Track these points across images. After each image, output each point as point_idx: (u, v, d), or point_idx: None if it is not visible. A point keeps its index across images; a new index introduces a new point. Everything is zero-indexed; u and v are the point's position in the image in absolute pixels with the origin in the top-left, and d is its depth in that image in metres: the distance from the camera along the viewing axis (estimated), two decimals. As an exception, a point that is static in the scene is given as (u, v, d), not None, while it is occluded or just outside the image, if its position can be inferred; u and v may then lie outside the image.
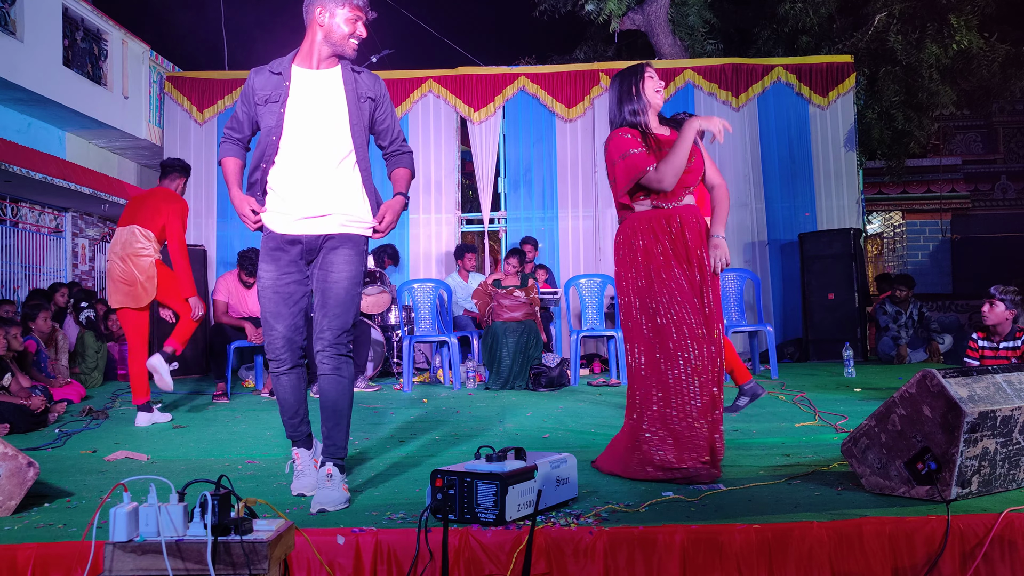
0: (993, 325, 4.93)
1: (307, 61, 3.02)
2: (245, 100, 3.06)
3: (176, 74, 9.73)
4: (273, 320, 2.99)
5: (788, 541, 2.36)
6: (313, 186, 2.96)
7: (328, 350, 2.94)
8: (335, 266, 2.96)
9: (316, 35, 2.98)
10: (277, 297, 2.99)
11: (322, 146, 2.97)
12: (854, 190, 9.10)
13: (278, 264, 2.99)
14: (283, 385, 3.06)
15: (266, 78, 3.02)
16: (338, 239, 2.99)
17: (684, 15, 10.89)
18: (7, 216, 9.98)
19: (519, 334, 6.59)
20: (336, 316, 2.94)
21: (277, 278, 2.99)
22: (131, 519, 1.89)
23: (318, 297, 2.98)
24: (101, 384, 7.25)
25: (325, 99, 2.99)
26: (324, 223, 2.98)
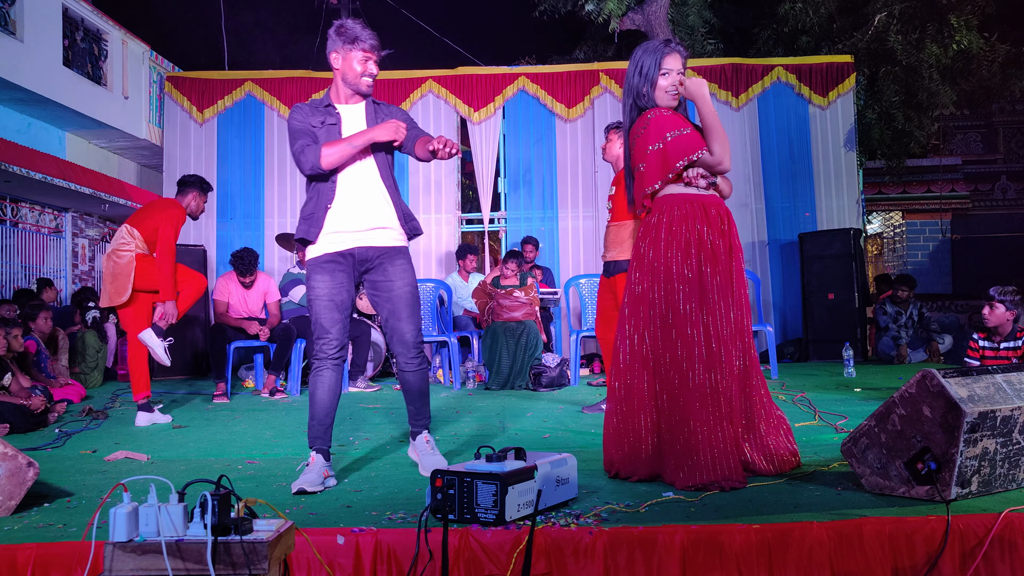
0: (994, 326, 4.94)
1: (338, 98, 3.39)
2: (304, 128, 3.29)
3: (176, 74, 9.73)
4: (328, 325, 3.28)
5: (788, 541, 2.36)
6: (367, 203, 3.31)
7: (412, 350, 3.38)
8: (397, 276, 3.34)
9: (337, 77, 3.37)
10: (332, 305, 3.28)
11: (370, 169, 3.33)
12: (854, 190, 9.10)
13: (333, 276, 3.28)
14: (324, 381, 3.28)
15: (311, 109, 3.34)
16: (389, 252, 3.35)
17: (684, 15, 10.89)
18: (7, 216, 9.99)
19: (519, 334, 6.59)
20: (411, 319, 3.35)
21: (331, 288, 3.28)
22: (131, 519, 1.89)
23: (388, 306, 3.35)
24: (101, 384, 7.25)
25: (358, 128, 3.34)
26: (377, 236, 3.33)
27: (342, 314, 3.29)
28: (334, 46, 3.34)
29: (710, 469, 2.90)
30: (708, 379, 2.99)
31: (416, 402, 3.49)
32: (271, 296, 6.79)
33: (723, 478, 2.89)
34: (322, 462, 3.24)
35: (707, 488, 2.87)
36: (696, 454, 2.93)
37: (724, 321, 3.04)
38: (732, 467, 2.93)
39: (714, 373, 3.00)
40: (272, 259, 8.85)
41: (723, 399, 3.00)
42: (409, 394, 3.48)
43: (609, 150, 4.97)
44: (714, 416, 2.97)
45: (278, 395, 6.36)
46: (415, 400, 3.48)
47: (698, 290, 3.04)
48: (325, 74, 9.42)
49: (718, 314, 3.04)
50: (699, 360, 3.00)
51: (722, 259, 3.09)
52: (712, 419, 2.97)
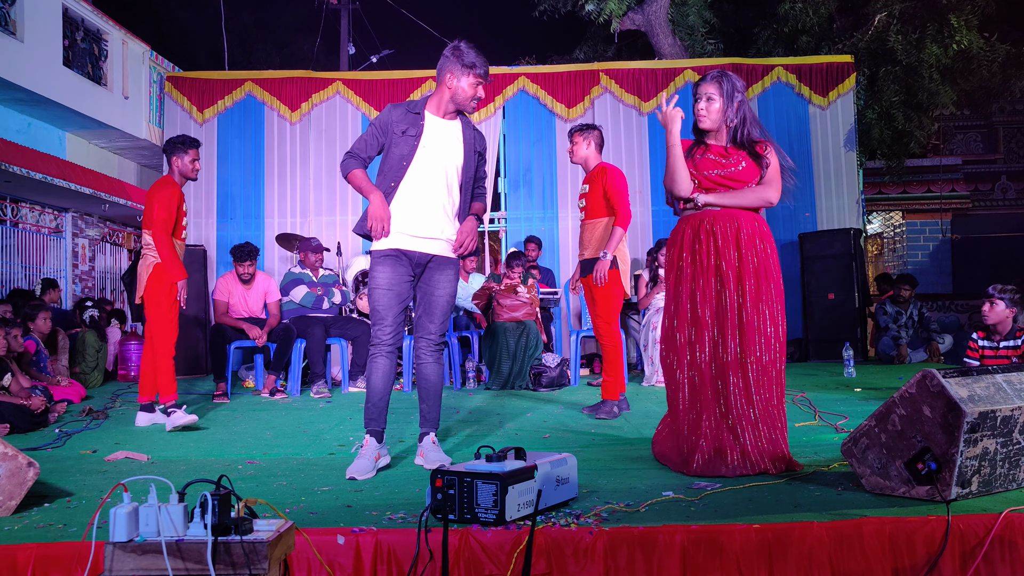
0: (994, 324, 4.93)
1: (437, 110, 3.62)
2: (383, 129, 3.58)
3: (176, 74, 9.72)
4: (385, 312, 3.54)
5: (788, 541, 2.36)
6: (429, 212, 3.56)
7: (435, 347, 3.66)
8: (440, 284, 3.64)
9: (445, 94, 3.60)
10: (391, 294, 3.54)
11: (440, 182, 3.57)
12: (854, 190, 9.10)
13: (395, 268, 3.55)
14: (380, 368, 3.55)
15: (403, 114, 3.59)
16: (442, 261, 3.63)
17: (684, 15, 10.89)
18: (7, 216, 9.99)
19: (519, 334, 6.59)
20: (440, 322, 3.66)
21: (391, 278, 3.54)
22: (131, 519, 1.89)
23: (424, 305, 3.65)
24: (101, 384, 7.25)
25: (448, 145, 3.60)
26: (432, 245, 3.59)
27: (399, 303, 3.54)
28: (450, 66, 3.58)
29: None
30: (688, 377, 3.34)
31: (430, 398, 3.68)
32: (271, 296, 6.79)
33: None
34: (375, 444, 3.50)
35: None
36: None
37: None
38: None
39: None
40: (272, 259, 8.85)
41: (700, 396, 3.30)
42: (423, 387, 3.67)
43: (577, 152, 5.10)
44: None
45: (278, 395, 6.36)
46: (428, 395, 3.67)
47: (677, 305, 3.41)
48: (325, 74, 9.42)
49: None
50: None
51: (702, 273, 3.33)
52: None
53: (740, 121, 3.39)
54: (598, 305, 4.96)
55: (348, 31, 16.06)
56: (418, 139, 3.54)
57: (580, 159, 5.10)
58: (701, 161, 3.39)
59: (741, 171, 3.36)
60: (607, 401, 4.94)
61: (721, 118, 3.39)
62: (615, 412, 4.90)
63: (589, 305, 5.09)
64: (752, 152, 3.38)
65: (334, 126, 9.11)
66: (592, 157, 5.07)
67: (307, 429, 4.79)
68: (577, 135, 5.10)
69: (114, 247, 12.39)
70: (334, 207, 8.77)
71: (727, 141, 3.42)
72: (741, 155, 3.38)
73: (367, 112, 9.07)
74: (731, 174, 3.36)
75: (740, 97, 3.38)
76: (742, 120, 3.39)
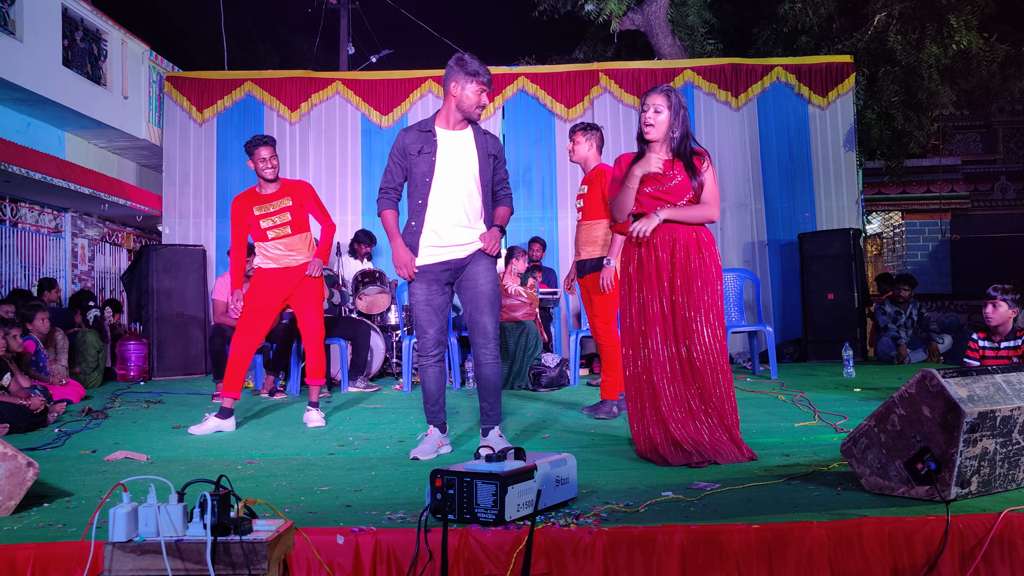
0: (995, 325, 4.92)
1: (446, 123, 3.79)
2: (401, 155, 3.78)
3: (176, 74, 9.72)
4: (427, 326, 3.76)
5: (788, 541, 2.36)
6: (456, 222, 3.75)
7: (491, 344, 3.76)
8: (481, 275, 3.77)
9: (451, 103, 3.75)
10: (429, 308, 3.76)
11: (461, 191, 3.75)
12: (854, 190, 9.10)
13: (429, 284, 3.76)
14: (430, 376, 3.79)
15: (416, 135, 3.77)
16: (477, 256, 3.79)
17: (684, 15, 10.89)
18: (7, 216, 9.98)
19: (519, 334, 6.59)
20: (491, 313, 3.76)
21: (428, 293, 3.75)
22: (131, 519, 1.89)
23: (472, 302, 3.77)
24: (101, 384, 7.25)
25: (463, 154, 3.77)
26: (466, 249, 3.77)
27: (438, 316, 3.77)
28: (455, 76, 3.71)
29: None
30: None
31: (491, 396, 3.82)
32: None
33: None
34: (438, 434, 3.82)
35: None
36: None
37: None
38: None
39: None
40: (272, 259, 8.84)
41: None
42: (483, 386, 3.82)
43: (577, 152, 5.10)
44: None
45: (278, 395, 6.36)
46: (488, 393, 3.81)
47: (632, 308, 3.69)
48: (324, 74, 9.42)
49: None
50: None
51: (649, 279, 3.58)
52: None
53: (682, 135, 3.61)
54: (595, 306, 4.96)
55: (348, 31, 16.06)
56: (434, 155, 3.72)
57: (580, 158, 5.09)
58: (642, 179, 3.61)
59: (675, 186, 3.59)
60: (607, 401, 4.95)
61: (667, 130, 3.61)
62: (615, 412, 4.90)
63: (587, 306, 5.09)
64: (689, 164, 3.60)
65: (333, 126, 9.11)
66: (592, 158, 5.07)
67: (306, 429, 4.79)
68: (579, 134, 5.09)
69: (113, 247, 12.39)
70: (334, 207, 8.76)
71: (666, 153, 3.63)
72: (677, 168, 3.60)
73: (367, 112, 9.07)
74: (667, 189, 3.59)
75: (683, 112, 3.63)
76: (683, 134, 3.61)
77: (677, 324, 3.54)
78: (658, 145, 3.63)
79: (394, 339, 7.77)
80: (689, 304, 3.53)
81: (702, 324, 3.52)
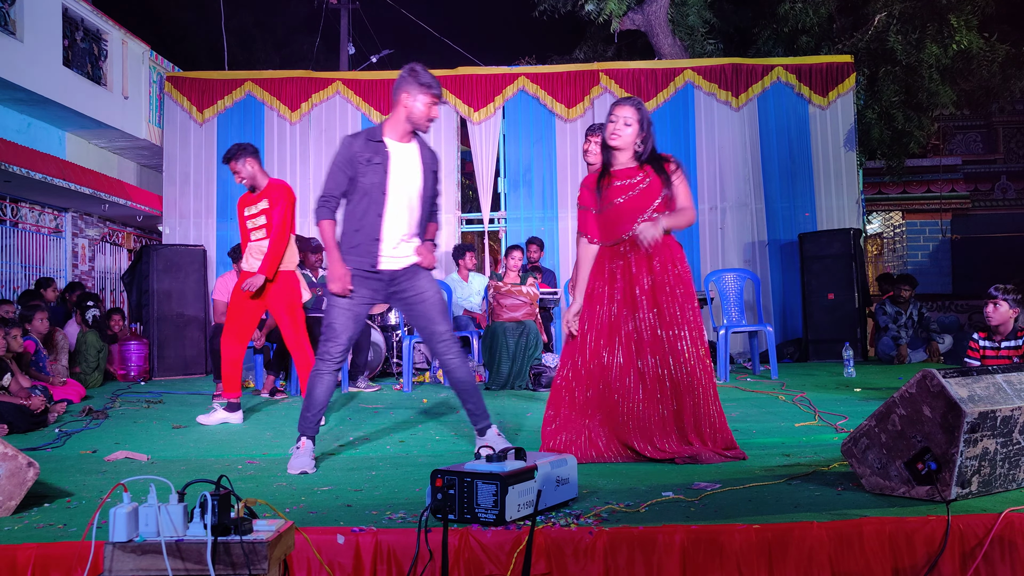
0: (996, 325, 4.92)
1: (395, 134, 3.70)
2: (349, 163, 3.65)
3: (176, 74, 9.73)
4: (342, 331, 3.64)
5: (788, 541, 2.36)
6: (401, 234, 3.69)
7: (454, 346, 3.73)
8: (426, 287, 3.74)
9: (401, 113, 3.67)
10: (349, 314, 3.65)
11: (405, 206, 3.69)
12: (854, 190, 9.10)
13: (358, 290, 3.64)
14: (324, 383, 3.66)
15: (364, 143, 3.67)
16: (412, 270, 3.74)
17: (684, 15, 10.89)
18: (7, 216, 9.98)
19: (519, 334, 6.59)
20: (446, 320, 3.76)
21: (356, 301, 3.65)
22: (131, 519, 1.89)
23: (426, 316, 3.72)
24: (101, 384, 7.25)
25: (410, 170, 3.71)
26: (402, 262, 3.72)
27: (356, 324, 3.67)
28: (407, 86, 3.65)
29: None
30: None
31: (471, 395, 3.78)
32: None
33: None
34: (311, 445, 3.65)
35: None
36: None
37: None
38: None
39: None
40: (272, 259, 8.84)
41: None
42: (461, 388, 3.77)
43: (592, 152, 5.02)
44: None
45: (278, 395, 6.36)
46: (469, 394, 3.78)
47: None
48: (325, 74, 9.42)
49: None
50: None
51: (624, 294, 3.58)
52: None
53: (650, 148, 3.63)
54: None
55: (348, 31, 16.06)
56: (384, 166, 3.64)
57: (596, 158, 5.03)
58: (607, 191, 3.63)
59: (645, 189, 3.58)
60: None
61: (632, 142, 3.61)
62: None
63: None
64: (660, 168, 3.61)
65: (334, 126, 9.11)
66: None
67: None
68: (598, 135, 5.05)
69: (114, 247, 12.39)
70: (334, 207, 8.75)
71: (631, 161, 3.64)
72: (647, 171, 3.60)
73: (367, 112, 9.07)
74: (639, 193, 3.58)
75: (650, 127, 3.65)
76: (651, 147, 3.64)
77: (653, 341, 3.51)
78: (622, 154, 3.64)
79: (394, 339, 7.77)
80: (670, 321, 3.50)
81: (685, 342, 3.49)
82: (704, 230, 9.06)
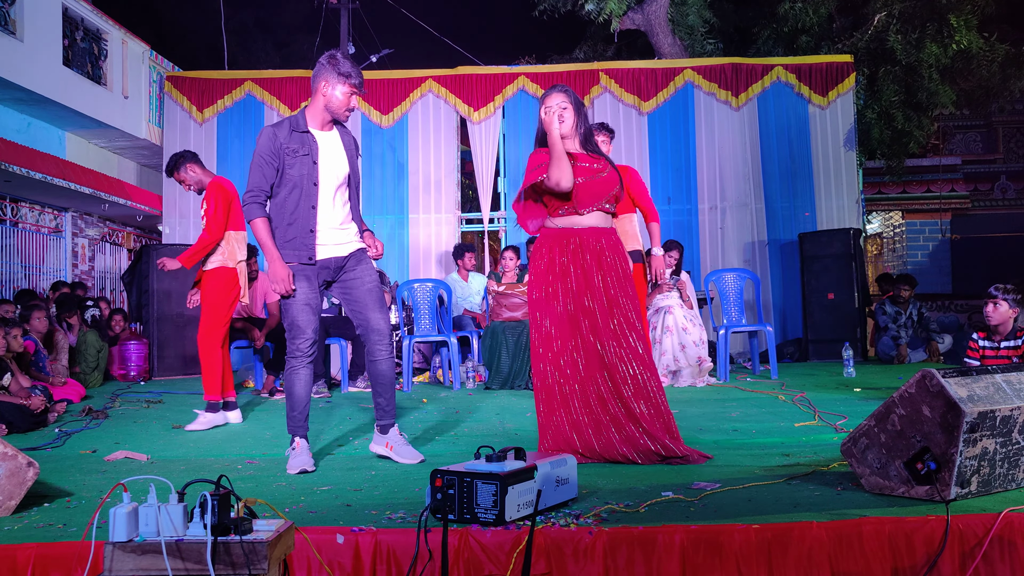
0: (996, 325, 4.92)
1: (316, 123, 3.66)
2: (275, 155, 3.58)
3: (176, 74, 9.72)
4: (306, 326, 3.62)
5: (788, 541, 2.36)
6: (336, 222, 3.69)
7: (385, 340, 3.69)
8: (364, 276, 3.72)
9: (320, 102, 3.62)
10: (309, 308, 3.63)
11: (337, 193, 3.69)
12: (854, 190, 9.10)
13: (311, 283, 3.64)
14: (300, 378, 3.64)
15: (288, 134, 3.60)
16: (356, 257, 3.73)
17: (684, 15, 10.89)
18: (7, 216, 9.98)
19: (519, 334, 6.59)
20: (381, 310, 3.71)
21: (309, 293, 3.62)
22: (131, 519, 1.89)
23: (361, 301, 3.69)
24: (101, 384, 7.25)
25: (336, 156, 3.69)
26: (344, 248, 3.71)
27: (316, 315, 3.66)
28: (325, 74, 3.58)
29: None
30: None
31: (387, 392, 3.74)
32: (271, 296, 6.79)
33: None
34: (306, 444, 3.66)
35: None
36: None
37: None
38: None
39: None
40: (272, 259, 8.84)
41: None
42: (379, 383, 3.73)
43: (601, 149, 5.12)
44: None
45: (278, 395, 6.36)
46: (384, 389, 3.73)
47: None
48: (325, 74, 9.41)
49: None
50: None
51: (573, 282, 3.52)
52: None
53: (586, 130, 3.69)
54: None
55: (348, 30, 16.06)
56: (312, 156, 3.60)
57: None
58: (573, 169, 3.57)
59: (606, 177, 3.60)
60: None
61: (574, 126, 3.64)
62: None
63: None
64: (609, 161, 3.68)
65: (334, 126, 9.10)
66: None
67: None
68: (605, 133, 5.18)
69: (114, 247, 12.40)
70: (334, 207, 8.76)
71: (577, 147, 3.66)
72: (602, 163, 3.64)
73: (367, 112, 9.07)
74: (600, 180, 3.59)
75: (583, 109, 3.71)
76: (587, 130, 3.70)
77: (601, 329, 3.49)
78: (568, 141, 3.66)
79: (394, 339, 7.77)
80: (621, 312, 3.51)
81: (629, 330, 3.49)
82: (704, 230, 9.07)
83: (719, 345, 6.83)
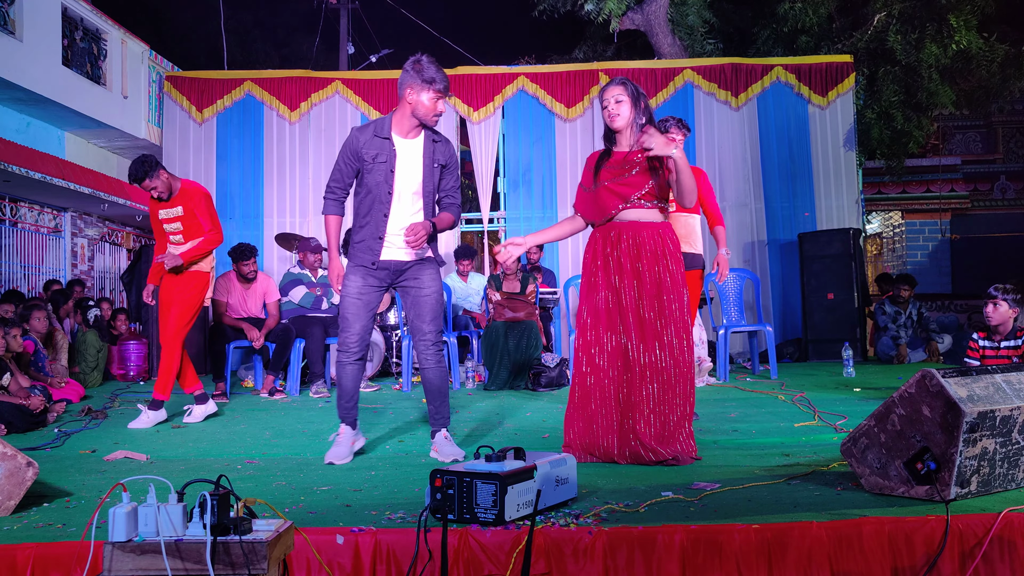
0: (996, 325, 4.92)
1: (401, 130, 3.71)
2: (354, 156, 3.70)
3: (176, 74, 9.72)
4: (353, 320, 3.69)
5: (788, 541, 2.36)
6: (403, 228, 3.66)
7: (432, 347, 3.74)
8: (426, 283, 3.76)
9: (407, 109, 3.66)
10: (359, 303, 3.69)
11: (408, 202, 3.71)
12: (853, 190, 9.10)
13: (365, 279, 3.70)
14: (348, 374, 3.72)
15: (371, 138, 3.68)
16: (422, 263, 3.77)
17: (684, 15, 10.89)
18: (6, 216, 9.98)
19: (519, 334, 6.58)
20: (431, 319, 3.76)
21: (361, 288, 3.69)
22: (130, 519, 1.89)
23: (415, 308, 3.77)
24: (101, 384, 7.24)
25: (412, 166, 3.71)
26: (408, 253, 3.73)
27: (367, 312, 3.70)
28: (411, 81, 3.62)
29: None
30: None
31: (436, 399, 3.81)
32: (271, 296, 6.79)
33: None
34: (351, 432, 3.76)
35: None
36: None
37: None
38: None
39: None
40: (272, 259, 8.85)
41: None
42: (428, 389, 3.81)
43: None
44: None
45: (277, 395, 6.36)
46: (434, 396, 3.81)
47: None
48: (324, 74, 9.42)
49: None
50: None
51: (617, 277, 3.55)
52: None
53: (647, 121, 3.61)
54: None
55: (347, 30, 16.06)
56: (389, 164, 3.66)
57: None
58: (603, 172, 3.63)
59: (633, 176, 3.56)
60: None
61: (631, 118, 3.59)
62: None
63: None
64: (650, 162, 3.56)
65: (333, 126, 9.11)
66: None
67: (306, 429, 4.79)
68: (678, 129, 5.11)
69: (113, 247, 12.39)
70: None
71: (632, 143, 3.61)
72: (639, 158, 3.56)
73: (366, 112, 9.07)
74: (625, 180, 3.57)
75: (644, 100, 3.64)
76: (649, 120, 3.62)
77: (635, 329, 3.50)
78: (624, 135, 3.63)
79: (394, 339, 7.77)
80: (662, 313, 3.50)
81: (662, 328, 3.48)
82: (704, 230, 9.06)
83: (719, 345, 6.83)
